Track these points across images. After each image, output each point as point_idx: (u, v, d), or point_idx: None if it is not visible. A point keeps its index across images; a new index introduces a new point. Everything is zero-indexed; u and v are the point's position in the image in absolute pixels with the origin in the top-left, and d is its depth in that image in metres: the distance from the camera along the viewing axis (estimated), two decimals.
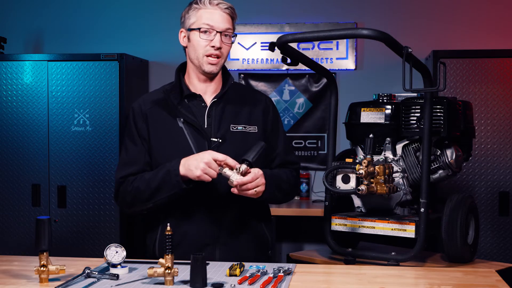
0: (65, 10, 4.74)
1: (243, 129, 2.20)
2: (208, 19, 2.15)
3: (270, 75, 4.60)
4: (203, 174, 2.01)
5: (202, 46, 2.16)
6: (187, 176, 2.05)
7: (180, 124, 2.17)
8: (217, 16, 2.16)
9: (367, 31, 2.13)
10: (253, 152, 2.05)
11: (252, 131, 2.21)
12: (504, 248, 3.86)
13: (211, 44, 2.15)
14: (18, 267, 2.02)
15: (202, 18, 2.16)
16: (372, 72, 4.50)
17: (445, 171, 2.54)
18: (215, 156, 2.03)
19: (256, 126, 2.23)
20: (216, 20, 2.16)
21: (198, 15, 2.17)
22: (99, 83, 4.08)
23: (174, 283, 1.75)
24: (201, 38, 2.16)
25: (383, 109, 2.55)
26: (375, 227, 2.47)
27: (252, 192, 2.04)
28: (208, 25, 2.15)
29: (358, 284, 1.84)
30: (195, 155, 2.06)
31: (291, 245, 4.54)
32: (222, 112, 2.20)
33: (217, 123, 2.18)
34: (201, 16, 2.16)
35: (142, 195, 2.13)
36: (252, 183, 2.02)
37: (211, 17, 2.15)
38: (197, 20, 2.17)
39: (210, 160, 2.01)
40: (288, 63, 2.37)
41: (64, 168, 4.11)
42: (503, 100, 3.88)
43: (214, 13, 2.16)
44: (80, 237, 4.11)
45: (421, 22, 4.45)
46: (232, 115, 2.21)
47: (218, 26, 2.16)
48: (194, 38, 2.18)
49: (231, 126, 2.19)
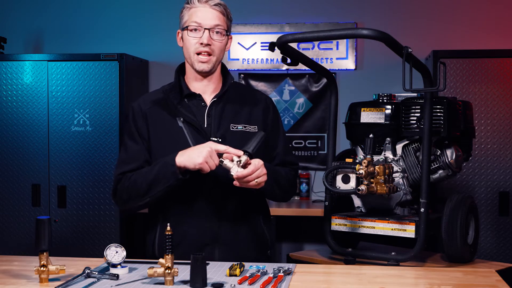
0: (65, 10, 4.74)
1: (243, 129, 2.20)
2: (196, 17, 2.17)
3: (270, 75, 4.60)
4: (204, 162, 2.00)
5: (192, 44, 2.18)
6: (186, 166, 2.03)
7: (180, 123, 2.17)
8: (205, 13, 2.18)
9: (367, 31, 2.13)
10: (253, 143, 2.05)
11: (252, 131, 2.21)
12: (504, 248, 3.86)
13: (199, 41, 2.17)
14: (18, 267, 2.02)
15: (192, 16, 2.18)
16: (372, 72, 4.50)
17: (445, 171, 2.54)
18: (216, 147, 2.03)
19: (256, 126, 2.23)
20: (204, 17, 2.17)
21: (189, 14, 2.20)
22: (99, 83, 4.08)
23: (174, 283, 1.75)
24: (189, 36, 2.18)
25: (383, 109, 2.55)
26: (375, 227, 2.47)
27: (253, 183, 2.03)
28: (196, 22, 2.17)
29: (358, 284, 1.84)
30: (195, 147, 2.06)
31: (291, 245, 4.54)
32: (222, 112, 2.20)
33: (217, 122, 2.18)
34: (191, 15, 2.19)
35: (139, 189, 2.12)
36: (252, 175, 2.02)
37: (200, 15, 2.17)
38: (187, 19, 2.19)
39: (212, 150, 2.02)
40: (288, 63, 2.37)
41: (64, 168, 4.11)
42: (503, 100, 3.88)
43: (203, 10, 2.18)
44: (80, 237, 4.11)
45: (421, 22, 4.46)
46: (232, 115, 2.21)
47: (206, 23, 2.17)
48: (185, 37, 2.21)
49: (231, 125, 2.19)
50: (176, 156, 2.06)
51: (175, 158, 2.05)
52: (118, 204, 2.27)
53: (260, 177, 2.04)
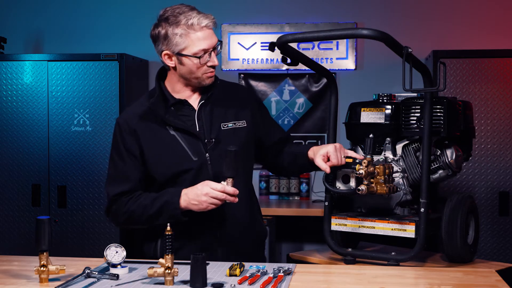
0: (65, 10, 4.74)
1: (233, 126, 2.23)
2: (203, 44, 2.11)
3: (270, 75, 4.60)
4: (209, 205, 2.05)
5: (202, 68, 2.15)
6: (189, 209, 2.08)
7: (172, 132, 2.17)
8: (209, 37, 2.13)
9: (367, 31, 2.13)
10: (229, 166, 2.04)
11: (241, 126, 2.24)
12: (504, 248, 3.86)
13: (209, 64, 2.15)
14: (18, 267, 2.02)
15: (195, 44, 2.11)
16: (372, 72, 4.50)
17: (445, 171, 2.54)
18: (213, 186, 2.05)
19: (244, 120, 2.26)
20: (209, 42, 2.12)
21: (189, 41, 2.11)
22: (99, 83, 4.08)
23: (174, 283, 1.75)
24: (200, 63, 2.13)
25: (383, 109, 2.55)
26: (375, 227, 2.47)
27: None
28: (204, 50, 2.12)
29: (358, 284, 1.84)
30: (193, 189, 2.08)
31: (291, 245, 4.54)
32: (211, 113, 2.21)
33: (208, 124, 2.19)
34: (194, 42, 2.11)
35: (138, 219, 2.16)
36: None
37: (205, 42, 2.12)
38: (189, 46, 2.11)
39: (209, 191, 2.04)
40: (288, 63, 2.37)
41: (64, 168, 4.11)
42: (503, 100, 3.88)
43: (206, 35, 2.12)
44: (80, 237, 4.11)
45: (421, 22, 4.45)
46: (221, 114, 2.22)
47: (212, 45, 2.14)
48: (189, 63, 2.14)
49: (221, 125, 2.21)
50: (180, 197, 2.08)
51: (179, 200, 2.08)
52: (113, 223, 2.31)
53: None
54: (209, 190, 2.04)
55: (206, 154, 2.15)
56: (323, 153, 2.22)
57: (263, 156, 2.40)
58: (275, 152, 2.39)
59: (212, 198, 2.03)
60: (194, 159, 2.15)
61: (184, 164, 2.14)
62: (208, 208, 2.06)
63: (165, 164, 2.16)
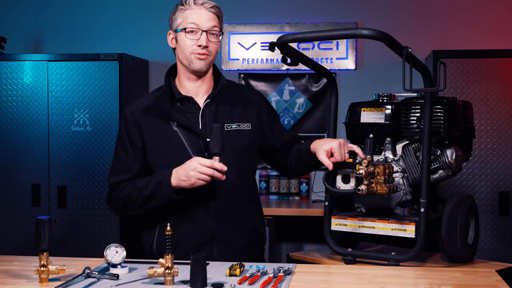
0: (65, 10, 4.74)
1: (237, 127, 2.23)
2: (193, 19, 2.17)
3: (270, 75, 4.60)
4: (197, 180, 2.05)
5: (189, 46, 2.18)
6: (180, 186, 2.09)
7: (175, 127, 2.18)
8: (202, 16, 2.18)
9: (367, 31, 2.13)
10: (215, 142, 2.05)
11: (245, 129, 2.25)
12: (504, 248, 3.86)
13: (197, 43, 2.17)
14: (18, 267, 2.02)
15: (187, 18, 2.18)
16: (372, 72, 4.50)
17: (445, 171, 2.54)
18: (201, 161, 2.05)
19: (250, 123, 2.26)
20: (201, 19, 2.17)
21: (184, 16, 2.19)
22: (99, 83, 4.08)
23: (174, 283, 1.75)
24: (187, 38, 2.18)
25: (383, 109, 2.55)
26: (375, 227, 2.47)
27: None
28: (194, 24, 2.17)
29: (358, 284, 1.84)
30: (183, 165, 2.09)
31: (291, 245, 4.54)
32: (215, 113, 2.22)
33: (212, 123, 2.19)
34: (187, 16, 2.18)
35: (134, 202, 2.18)
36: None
37: (197, 17, 2.17)
38: (183, 21, 2.19)
39: (197, 165, 2.04)
40: (288, 63, 2.37)
41: (64, 168, 4.11)
42: (503, 100, 3.88)
43: (199, 12, 2.18)
44: (80, 237, 4.11)
45: (421, 22, 4.45)
46: (226, 115, 2.23)
47: (204, 25, 2.17)
48: (181, 39, 2.20)
49: (225, 125, 2.21)
50: (171, 175, 2.09)
51: (171, 179, 2.09)
52: (113, 211, 2.36)
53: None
54: (197, 165, 2.04)
55: (205, 153, 2.15)
56: (326, 149, 2.18)
57: (273, 158, 2.42)
58: (284, 154, 2.39)
59: (200, 173, 2.04)
60: (192, 157, 2.15)
61: (182, 161, 2.13)
62: (196, 183, 2.06)
63: (164, 159, 2.18)
